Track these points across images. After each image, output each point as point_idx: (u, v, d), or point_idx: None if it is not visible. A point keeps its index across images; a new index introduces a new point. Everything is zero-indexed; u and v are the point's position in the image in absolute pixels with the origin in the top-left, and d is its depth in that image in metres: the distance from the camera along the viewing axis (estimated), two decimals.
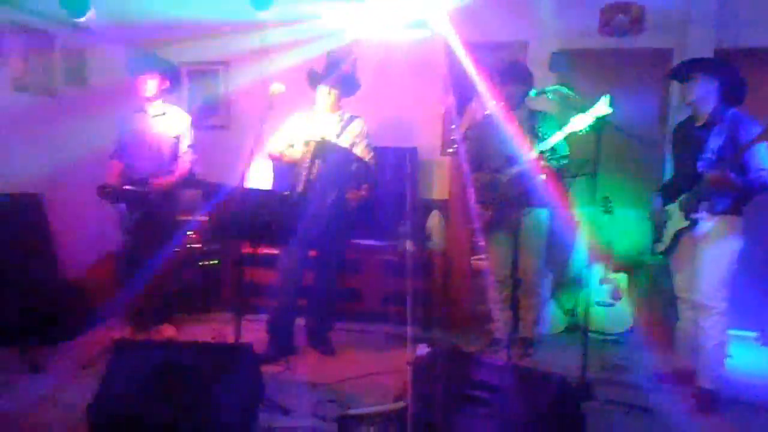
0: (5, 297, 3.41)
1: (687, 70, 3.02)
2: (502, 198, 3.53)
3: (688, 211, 2.99)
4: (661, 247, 3.18)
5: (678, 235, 3.07)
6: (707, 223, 2.94)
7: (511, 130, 3.55)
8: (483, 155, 3.67)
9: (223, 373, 2.28)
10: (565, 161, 3.50)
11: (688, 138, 3.05)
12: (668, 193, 3.18)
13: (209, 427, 2.17)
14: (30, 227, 3.97)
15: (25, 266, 3.70)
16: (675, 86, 4.26)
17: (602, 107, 3.07)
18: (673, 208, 3.09)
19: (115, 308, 3.74)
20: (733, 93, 2.96)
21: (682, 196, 3.02)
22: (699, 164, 2.90)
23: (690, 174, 2.96)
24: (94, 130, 4.48)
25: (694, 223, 2.97)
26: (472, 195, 3.59)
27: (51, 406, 2.76)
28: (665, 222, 3.14)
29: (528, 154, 3.39)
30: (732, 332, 3.13)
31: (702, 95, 2.95)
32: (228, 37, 5.00)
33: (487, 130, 3.66)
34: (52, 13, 4.02)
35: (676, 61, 4.20)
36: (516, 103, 3.56)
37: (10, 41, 4.02)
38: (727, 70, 2.99)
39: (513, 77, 3.54)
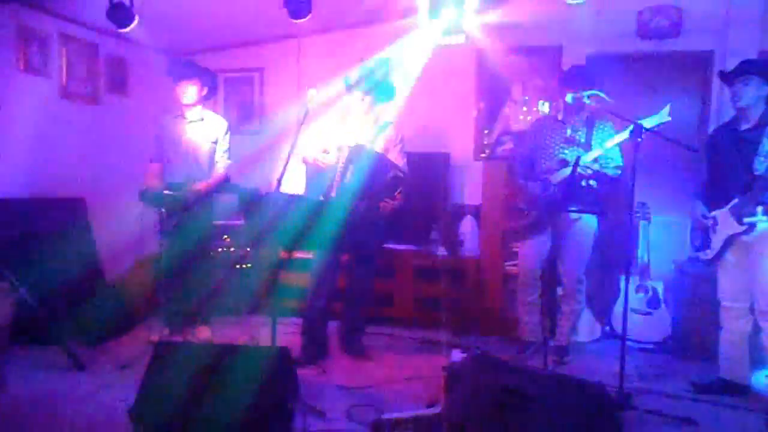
0: (51, 298, 3.52)
1: (742, 72, 2.95)
2: (548, 201, 3.48)
3: (743, 215, 2.91)
4: (710, 254, 3.10)
5: (729, 241, 2.99)
6: (765, 225, 2.86)
7: (565, 134, 3.52)
8: (535, 157, 3.64)
9: (260, 375, 2.31)
10: (619, 172, 3.45)
11: (737, 142, 2.97)
12: (712, 199, 3.10)
13: (246, 428, 2.20)
14: (74, 230, 4.10)
15: (69, 268, 3.82)
16: (715, 90, 4.17)
17: (663, 116, 3.03)
18: (720, 213, 3.02)
19: (153, 310, 3.82)
20: None
21: (734, 201, 2.94)
22: (754, 165, 2.82)
23: (742, 178, 2.88)
24: (134, 137, 4.63)
25: (751, 228, 2.89)
26: (512, 198, 3.57)
27: (93, 405, 2.83)
28: (714, 228, 3.06)
29: (581, 158, 3.34)
30: None
31: (755, 97, 2.89)
32: (264, 44, 5.10)
33: (541, 131, 3.63)
34: (98, 23, 4.15)
35: (717, 64, 4.12)
36: (577, 107, 3.47)
37: (57, 51, 4.17)
38: None
39: (577, 81, 3.48)
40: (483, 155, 4.74)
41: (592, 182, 3.41)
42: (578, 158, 3.19)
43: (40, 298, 3.33)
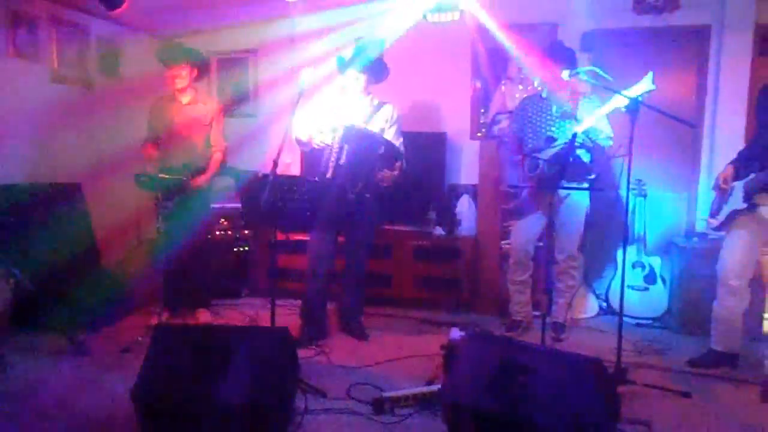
0: (50, 283, 3.52)
1: None
2: (540, 178, 3.48)
3: (753, 192, 2.85)
4: (715, 223, 3.07)
5: (732, 216, 2.96)
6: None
7: (552, 111, 3.52)
8: (522, 136, 3.63)
9: (261, 356, 2.33)
10: (611, 142, 3.44)
11: None
12: (743, 166, 2.99)
13: (248, 408, 2.22)
14: (72, 215, 4.09)
15: (67, 253, 3.81)
16: (713, 65, 4.15)
17: (646, 84, 3.00)
18: (739, 185, 2.96)
19: (152, 294, 3.83)
20: None
21: (750, 177, 2.87)
22: None
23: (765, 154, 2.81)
24: (128, 120, 4.58)
25: (752, 207, 2.86)
26: (506, 177, 3.58)
27: (94, 389, 2.85)
28: (729, 196, 3.00)
29: (569, 134, 3.35)
30: None
31: None
32: (257, 25, 5.04)
33: (528, 110, 3.63)
34: (88, 5, 4.09)
35: (713, 39, 4.09)
36: (561, 85, 3.50)
37: (47, 34, 4.11)
38: None
39: (558, 57, 3.47)
40: (479, 134, 4.72)
41: (583, 155, 3.38)
42: (575, 135, 3.17)
43: (39, 283, 3.33)
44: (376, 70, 3.55)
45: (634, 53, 4.32)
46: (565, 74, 3.23)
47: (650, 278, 4.09)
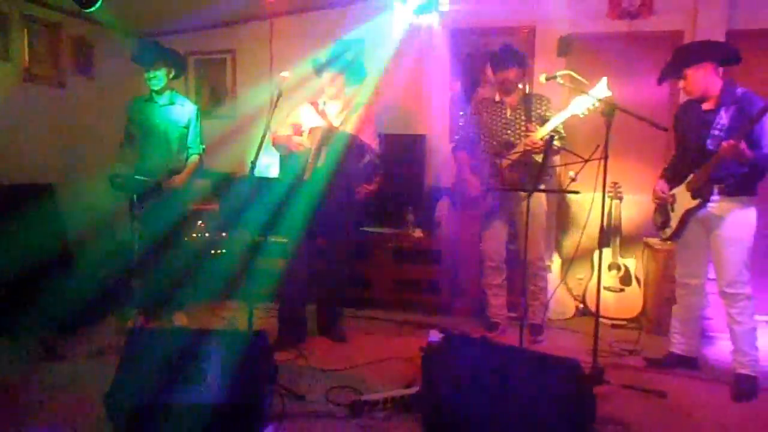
0: (22, 287, 3.45)
1: (679, 68, 2.98)
2: (502, 184, 3.53)
3: (697, 190, 2.96)
4: (668, 232, 3.16)
5: (686, 217, 3.04)
6: (720, 204, 2.92)
7: (506, 115, 3.57)
8: (483, 141, 3.67)
9: (237, 360, 2.30)
10: (563, 142, 3.49)
11: (695, 119, 3.01)
12: (673, 176, 3.15)
13: (224, 412, 2.19)
14: (44, 217, 3.99)
15: (39, 255, 3.73)
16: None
17: (601, 89, 3.09)
18: (679, 190, 3.07)
19: (127, 297, 3.76)
20: (728, 62, 2.97)
21: (690, 177, 2.99)
22: (708, 141, 2.87)
23: (697, 154, 2.94)
24: (103, 120, 4.51)
25: (703, 202, 2.94)
26: (473, 182, 3.61)
27: (69, 393, 2.80)
28: (672, 206, 3.12)
29: (527, 138, 3.41)
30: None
31: (699, 85, 2.93)
32: (235, 25, 5.00)
33: (486, 115, 3.67)
34: (60, 3, 4.02)
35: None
36: (512, 87, 3.58)
37: (19, 33, 4.02)
38: (714, 46, 3.00)
39: (507, 61, 3.52)
40: (458, 137, 4.73)
41: (537, 158, 3.44)
42: (551, 139, 3.21)
43: (10, 287, 3.25)
44: (354, 72, 3.55)
45: (610, 57, 4.38)
46: (542, 78, 3.27)
47: (626, 280, 4.15)
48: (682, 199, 3.05)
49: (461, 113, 4.77)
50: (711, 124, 2.89)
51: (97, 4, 3.63)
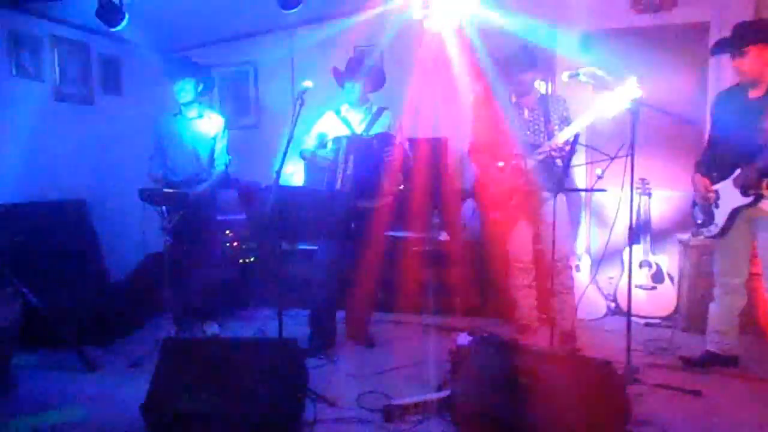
0: (59, 300, 3.54)
1: (738, 43, 2.82)
2: (526, 185, 3.50)
3: (748, 187, 2.85)
4: (715, 230, 3.04)
5: (733, 215, 2.94)
6: None
7: (523, 116, 3.53)
8: (503, 143, 3.64)
9: (269, 368, 2.33)
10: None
11: (741, 111, 2.88)
12: (710, 170, 3.06)
13: (258, 420, 2.22)
14: (77, 232, 4.11)
15: (75, 270, 3.84)
16: (713, 61, 4.14)
17: (631, 89, 3.00)
18: (721, 186, 2.97)
19: (160, 308, 3.84)
20: None
21: (738, 171, 2.87)
22: (758, 133, 2.75)
23: (746, 148, 2.81)
24: (131, 136, 4.62)
25: (757, 199, 2.84)
26: (495, 184, 3.58)
27: (105, 405, 2.86)
28: (717, 202, 3.01)
29: (550, 139, 3.37)
30: None
31: (758, 66, 2.79)
32: (257, 37, 5.07)
33: (498, 117, 3.64)
34: (88, 23, 4.13)
35: (713, 35, 4.08)
36: (527, 89, 3.55)
37: (49, 54, 4.15)
38: None
39: (521, 63, 3.49)
40: (471, 141, 4.71)
41: (558, 161, 3.41)
42: (576, 136, 3.17)
43: (47, 301, 3.34)
44: (374, 78, 3.57)
45: (634, 53, 4.32)
46: (564, 76, 3.23)
47: (658, 277, 4.07)
48: (725, 195, 2.94)
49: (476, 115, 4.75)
50: (760, 114, 2.76)
51: (124, 22, 3.73)
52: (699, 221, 3.15)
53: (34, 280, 3.40)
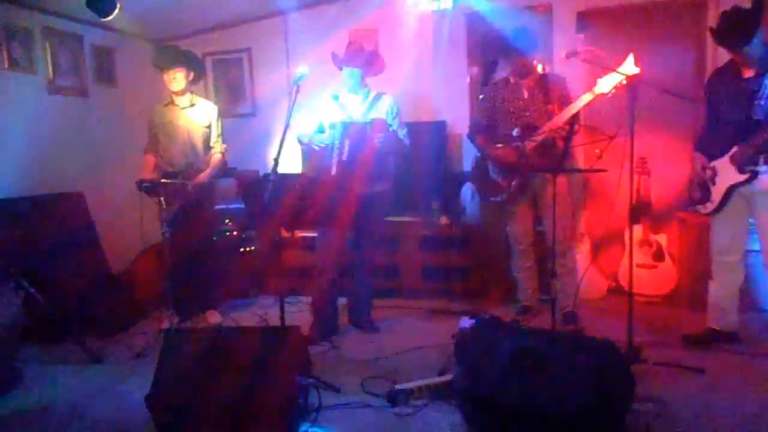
0: (60, 293, 3.54)
1: (739, 43, 2.78)
2: (526, 166, 3.48)
3: (744, 164, 2.86)
4: (711, 207, 3.06)
5: (729, 192, 2.95)
6: None
7: (523, 96, 3.51)
8: (503, 124, 3.62)
9: (273, 356, 2.33)
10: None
11: (735, 88, 2.89)
12: (708, 148, 3.06)
13: (263, 408, 2.23)
14: (77, 225, 4.09)
15: (75, 263, 3.83)
16: (710, 38, 4.10)
17: (628, 67, 2.99)
18: (719, 163, 2.97)
19: (162, 299, 3.84)
20: None
21: (734, 149, 2.89)
22: (754, 111, 2.76)
23: (741, 125, 2.82)
24: (127, 127, 4.58)
25: (753, 176, 2.85)
26: (506, 153, 3.55)
27: (111, 396, 2.87)
28: (714, 179, 3.02)
29: (551, 120, 3.35)
30: None
31: (759, 48, 2.78)
32: (249, 23, 5.02)
33: (497, 97, 3.62)
34: (80, 14, 4.07)
35: (711, 12, 4.04)
36: (527, 70, 3.52)
37: (41, 46, 4.10)
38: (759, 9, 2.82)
39: (520, 45, 3.46)
40: (471, 124, 4.68)
41: (558, 142, 3.39)
42: (575, 120, 3.16)
43: (49, 296, 3.34)
44: (371, 64, 3.53)
45: (631, 31, 4.28)
46: (563, 54, 3.20)
47: (658, 255, 4.07)
48: (724, 171, 2.94)
49: (480, 96, 4.73)
50: (755, 93, 2.77)
51: (115, 12, 3.68)
52: (695, 198, 3.16)
53: (35, 274, 3.40)
